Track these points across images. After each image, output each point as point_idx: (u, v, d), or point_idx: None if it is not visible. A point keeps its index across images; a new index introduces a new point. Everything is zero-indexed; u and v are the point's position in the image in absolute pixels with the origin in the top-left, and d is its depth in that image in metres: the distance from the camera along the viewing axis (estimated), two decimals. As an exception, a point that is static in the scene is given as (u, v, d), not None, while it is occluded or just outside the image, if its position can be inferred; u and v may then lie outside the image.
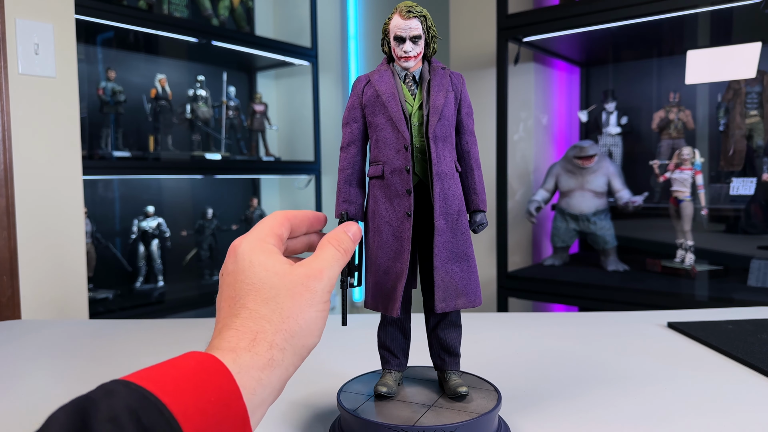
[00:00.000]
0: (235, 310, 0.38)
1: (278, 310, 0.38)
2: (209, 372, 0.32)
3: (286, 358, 0.37)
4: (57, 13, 1.25)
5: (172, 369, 0.31)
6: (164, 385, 0.30)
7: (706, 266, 1.71)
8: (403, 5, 0.44)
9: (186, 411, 0.29)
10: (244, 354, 0.35)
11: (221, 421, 0.31)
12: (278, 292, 0.38)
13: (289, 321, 0.38)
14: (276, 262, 0.39)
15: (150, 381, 0.30)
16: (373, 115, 0.45)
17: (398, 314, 0.45)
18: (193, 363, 0.32)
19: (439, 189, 0.44)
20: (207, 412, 0.30)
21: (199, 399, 0.30)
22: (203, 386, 0.31)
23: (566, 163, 1.90)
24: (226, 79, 2.18)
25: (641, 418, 0.50)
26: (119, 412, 0.27)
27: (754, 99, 1.67)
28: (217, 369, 0.33)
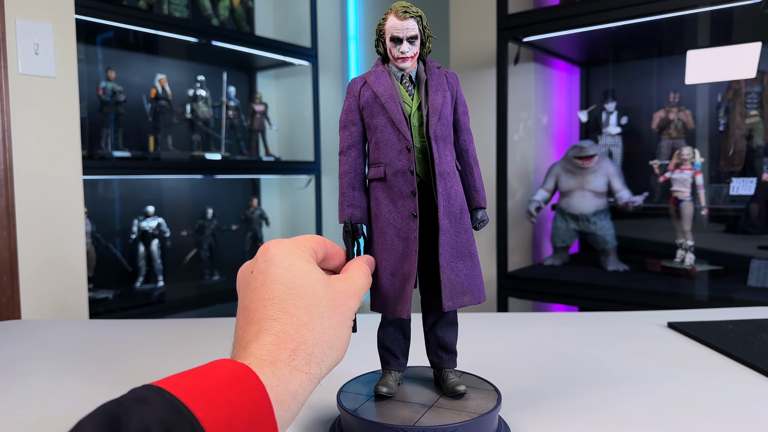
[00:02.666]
0: (274, 313, 0.37)
1: (320, 319, 0.37)
2: (244, 386, 0.31)
3: (322, 371, 0.37)
4: (57, 13, 1.25)
5: (206, 378, 0.31)
6: (197, 397, 0.29)
7: (706, 266, 1.71)
8: (398, 5, 0.44)
9: (218, 428, 0.28)
10: (283, 367, 0.34)
11: None
12: (320, 301, 0.38)
13: (329, 333, 0.37)
14: (318, 271, 0.39)
15: (183, 391, 0.29)
16: (372, 116, 0.45)
17: (408, 316, 0.45)
18: (227, 374, 0.31)
19: (442, 188, 0.44)
20: (238, 429, 0.29)
21: (232, 415, 0.29)
22: (237, 401, 0.30)
23: (566, 163, 1.90)
24: (226, 79, 2.18)
25: (641, 418, 0.50)
26: (151, 424, 0.26)
27: (754, 99, 1.67)
28: (252, 383, 0.32)
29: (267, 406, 0.32)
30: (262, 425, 0.31)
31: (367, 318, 0.88)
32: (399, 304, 0.45)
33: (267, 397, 0.32)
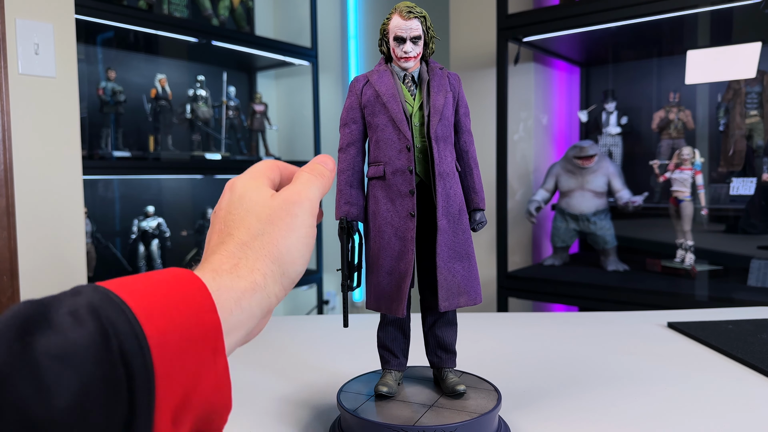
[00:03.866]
0: (223, 238, 0.38)
1: (260, 236, 0.38)
2: (183, 283, 0.32)
3: (268, 285, 0.37)
4: (57, 13, 1.25)
5: (145, 278, 0.31)
6: (132, 291, 0.29)
7: (706, 266, 1.71)
8: (403, 5, 0.44)
9: (151, 314, 0.29)
10: (225, 275, 0.35)
11: (190, 329, 0.30)
12: (260, 219, 0.39)
13: (270, 247, 0.38)
14: (266, 191, 0.40)
15: (118, 286, 0.29)
16: (374, 115, 0.45)
17: (403, 314, 0.45)
18: (168, 276, 0.32)
19: (441, 189, 0.44)
20: (174, 319, 0.29)
21: (167, 305, 0.30)
22: (174, 294, 0.30)
23: (566, 163, 1.90)
24: (226, 79, 2.18)
25: (641, 418, 0.50)
26: (79, 307, 0.27)
27: (754, 99, 1.67)
28: (193, 282, 0.32)
29: (208, 303, 0.32)
30: (202, 318, 0.31)
31: (367, 318, 0.88)
32: (394, 303, 0.45)
33: (209, 295, 0.32)
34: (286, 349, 0.72)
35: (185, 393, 0.29)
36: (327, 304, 2.53)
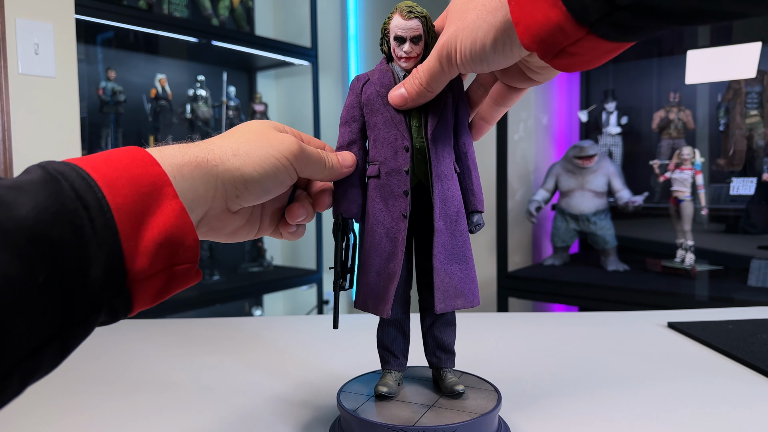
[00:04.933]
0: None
1: (227, 140, 0.38)
2: (126, 150, 0.33)
3: (218, 174, 0.37)
4: (57, 13, 1.25)
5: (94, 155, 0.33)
6: (74, 159, 0.31)
7: (706, 266, 1.71)
8: (403, 5, 0.44)
9: (96, 166, 0.30)
10: (171, 149, 0.35)
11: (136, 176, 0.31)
12: (237, 129, 0.40)
13: (233, 144, 0.38)
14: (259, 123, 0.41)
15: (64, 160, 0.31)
16: (373, 114, 0.45)
17: (388, 315, 0.45)
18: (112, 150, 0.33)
19: (438, 190, 0.44)
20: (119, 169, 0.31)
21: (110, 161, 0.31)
22: (116, 155, 0.32)
23: (566, 163, 1.90)
24: (226, 79, 2.18)
25: (641, 418, 0.50)
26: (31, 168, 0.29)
27: (754, 99, 1.67)
28: (135, 149, 0.33)
29: (149, 158, 0.33)
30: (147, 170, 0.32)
31: (367, 318, 0.88)
32: (381, 304, 0.45)
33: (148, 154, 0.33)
34: (286, 349, 0.72)
35: (144, 226, 0.30)
36: (327, 304, 2.53)
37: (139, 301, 0.31)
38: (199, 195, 0.36)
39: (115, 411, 0.54)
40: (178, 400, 0.56)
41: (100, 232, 0.28)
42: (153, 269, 0.31)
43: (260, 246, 2.33)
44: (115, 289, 0.29)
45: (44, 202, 0.27)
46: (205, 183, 0.36)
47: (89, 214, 0.28)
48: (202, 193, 0.36)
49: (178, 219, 0.32)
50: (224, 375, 0.63)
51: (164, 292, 0.33)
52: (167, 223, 0.32)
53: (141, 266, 0.30)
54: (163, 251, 0.31)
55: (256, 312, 2.42)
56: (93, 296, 0.28)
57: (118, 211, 0.29)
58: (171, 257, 0.32)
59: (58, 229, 0.27)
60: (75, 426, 0.50)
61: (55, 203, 0.27)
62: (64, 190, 0.28)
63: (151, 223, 0.31)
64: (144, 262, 0.30)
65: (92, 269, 0.28)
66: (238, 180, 0.38)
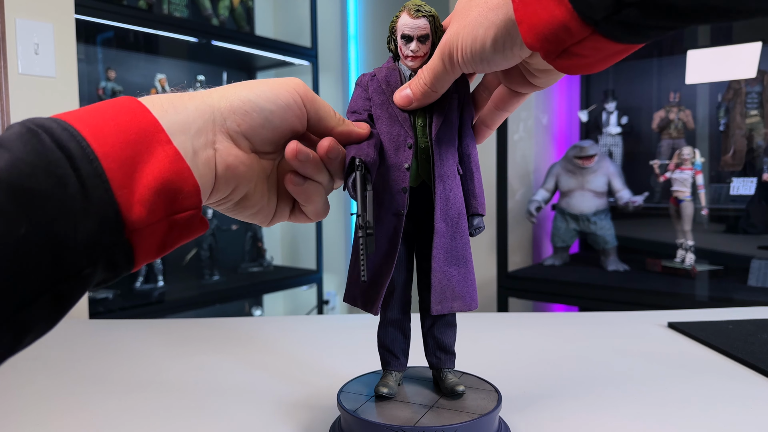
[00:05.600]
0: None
1: (228, 86, 0.37)
2: (114, 101, 0.32)
3: (214, 102, 0.35)
4: (57, 13, 1.25)
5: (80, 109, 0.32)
6: (58, 115, 0.30)
7: (706, 266, 1.71)
8: (411, 4, 0.44)
9: (80, 118, 0.29)
10: (164, 95, 0.34)
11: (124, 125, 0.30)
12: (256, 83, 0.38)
13: (232, 85, 0.37)
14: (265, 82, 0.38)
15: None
16: (376, 108, 0.45)
17: (377, 314, 0.44)
18: (101, 102, 0.32)
19: (440, 191, 0.44)
20: (105, 120, 0.29)
21: (96, 112, 0.30)
22: (103, 106, 0.31)
23: (566, 163, 1.90)
24: (226, 79, 2.18)
25: (641, 418, 0.50)
26: (12, 125, 0.28)
27: (755, 99, 1.67)
28: (124, 98, 0.32)
29: (139, 106, 0.32)
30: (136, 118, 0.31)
31: (367, 318, 0.88)
32: (370, 301, 0.44)
33: (137, 101, 0.32)
34: (286, 350, 0.72)
35: (137, 173, 0.29)
36: (327, 304, 2.53)
37: (142, 253, 0.30)
38: (197, 127, 0.34)
39: (115, 411, 0.54)
40: (178, 400, 0.56)
41: (88, 180, 0.27)
42: (152, 218, 0.30)
43: (260, 246, 2.33)
44: (111, 240, 0.28)
45: (20, 153, 0.26)
46: (201, 114, 0.34)
47: (73, 164, 0.27)
48: (200, 125, 0.34)
49: (173, 164, 0.31)
50: (224, 375, 0.63)
51: (168, 243, 0.32)
52: (162, 169, 0.30)
53: (138, 215, 0.29)
54: (160, 199, 0.30)
55: (256, 312, 2.42)
56: (86, 248, 0.27)
57: (106, 159, 0.28)
58: (170, 205, 0.31)
59: (37, 180, 0.26)
60: (75, 426, 0.50)
61: (33, 154, 0.26)
62: (44, 142, 0.27)
63: (144, 171, 0.30)
64: (141, 211, 0.29)
65: (82, 220, 0.27)
66: (235, 103, 0.36)
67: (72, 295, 0.27)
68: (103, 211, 0.28)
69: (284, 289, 2.39)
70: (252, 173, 0.38)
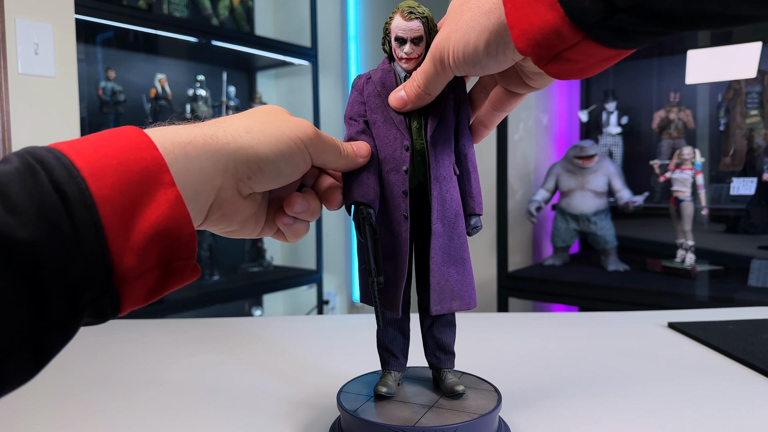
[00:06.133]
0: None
1: (239, 119, 0.36)
2: (120, 131, 0.30)
3: (230, 153, 0.34)
4: (57, 13, 1.25)
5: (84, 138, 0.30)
6: (62, 143, 0.28)
7: (706, 266, 1.71)
8: (404, 5, 0.43)
9: (82, 152, 0.28)
10: (175, 128, 0.33)
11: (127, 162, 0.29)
12: (249, 113, 0.38)
13: (245, 126, 0.35)
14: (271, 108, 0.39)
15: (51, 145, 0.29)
16: (372, 111, 0.45)
17: (399, 314, 0.45)
18: (107, 131, 0.31)
19: (436, 192, 0.43)
20: (107, 155, 0.28)
21: (99, 145, 0.29)
22: (108, 138, 0.29)
23: (567, 163, 1.90)
24: (226, 79, 2.18)
25: (641, 418, 0.50)
26: (7, 156, 0.27)
27: (755, 99, 1.67)
28: (131, 129, 0.31)
29: (145, 140, 0.30)
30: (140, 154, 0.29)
31: (367, 318, 0.88)
32: (389, 302, 0.45)
33: (144, 135, 0.31)
34: (286, 350, 0.72)
35: (134, 220, 0.28)
36: (327, 304, 2.53)
37: (129, 301, 0.29)
38: (207, 175, 0.33)
39: (115, 411, 0.54)
40: (178, 401, 0.56)
41: (81, 228, 0.26)
42: (143, 267, 0.29)
43: (260, 246, 2.33)
44: (99, 289, 0.27)
45: (13, 198, 0.25)
46: (214, 162, 0.33)
47: (68, 209, 0.26)
48: (211, 174, 0.33)
49: (172, 210, 0.30)
50: (224, 375, 0.63)
51: (157, 291, 0.30)
52: (161, 215, 0.29)
53: (129, 264, 0.28)
54: (155, 246, 0.29)
55: (256, 312, 2.42)
56: (72, 298, 0.26)
57: (103, 205, 0.27)
58: (164, 253, 0.30)
59: (27, 229, 0.24)
60: (75, 426, 0.50)
61: (27, 198, 0.25)
62: (41, 183, 0.26)
63: (142, 216, 0.28)
64: (133, 260, 0.28)
65: (70, 269, 0.26)
66: (251, 159, 0.35)
67: (53, 347, 0.26)
68: (93, 260, 0.26)
69: (284, 289, 2.39)
70: (246, 211, 0.39)
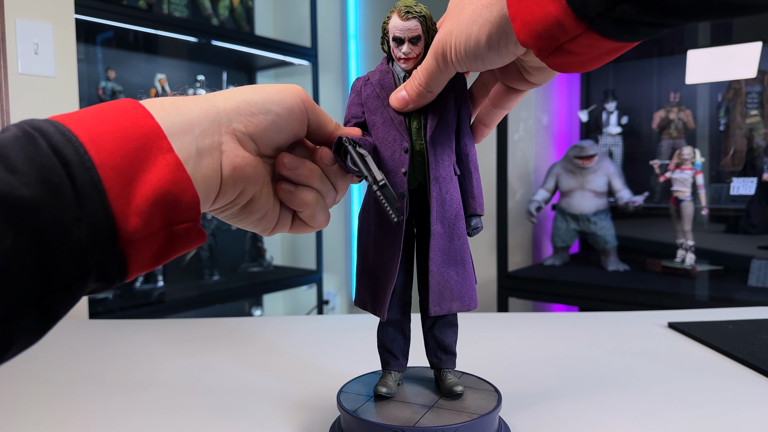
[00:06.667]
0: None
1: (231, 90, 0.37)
2: (115, 103, 0.31)
3: (219, 104, 0.35)
4: (57, 13, 1.25)
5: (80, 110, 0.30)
6: (59, 116, 0.29)
7: (706, 266, 1.71)
8: (401, 5, 0.43)
9: (79, 121, 0.28)
10: (167, 98, 0.33)
11: (124, 130, 0.29)
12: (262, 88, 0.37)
13: (236, 88, 0.36)
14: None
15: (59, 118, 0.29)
16: (371, 113, 0.44)
17: (384, 318, 0.45)
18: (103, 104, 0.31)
19: (436, 193, 0.43)
20: (104, 123, 0.29)
21: (96, 115, 0.29)
22: (104, 108, 0.30)
23: (567, 163, 1.90)
24: (226, 79, 2.18)
25: (641, 418, 0.50)
26: (8, 126, 0.27)
27: (755, 99, 1.67)
28: (125, 100, 0.31)
29: (140, 110, 0.30)
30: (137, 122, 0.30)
31: (367, 318, 0.88)
32: (378, 305, 0.45)
33: (139, 105, 0.31)
34: (286, 350, 0.72)
35: (135, 183, 0.28)
36: (327, 304, 2.53)
37: (135, 264, 0.29)
38: (203, 129, 0.33)
39: (115, 411, 0.54)
40: (178, 400, 0.56)
41: (83, 189, 0.26)
42: (148, 229, 0.29)
43: (260, 246, 2.33)
44: (104, 251, 0.27)
45: (13, 160, 0.25)
46: (205, 115, 0.34)
47: (68, 171, 0.26)
48: (206, 127, 0.34)
49: (173, 174, 0.30)
50: (224, 375, 0.63)
51: (164, 254, 0.31)
52: (161, 178, 0.29)
53: (134, 226, 0.28)
54: (158, 209, 0.29)
55: (256, 312, 2.42)
56: (77, 259, 0.26)
57: (103, 167, 0.27)
58: (168, 216, 0.30)
59: (29, 189, 0.25)
60: (75, 426, 0.50)
61: (26, 161, 0.25)
62: (40, 147, 0.26)
63: (143, 180, 0.29)
64: (137, 222, 0.28)
65: (75, 231, 0.26)
66: (241, 105, 0.36)
67: (60, 308, 0.26)
68: (96, 222, 0.27)
69: (284, 289, 2.39)
70: (259, 175, 0.38)
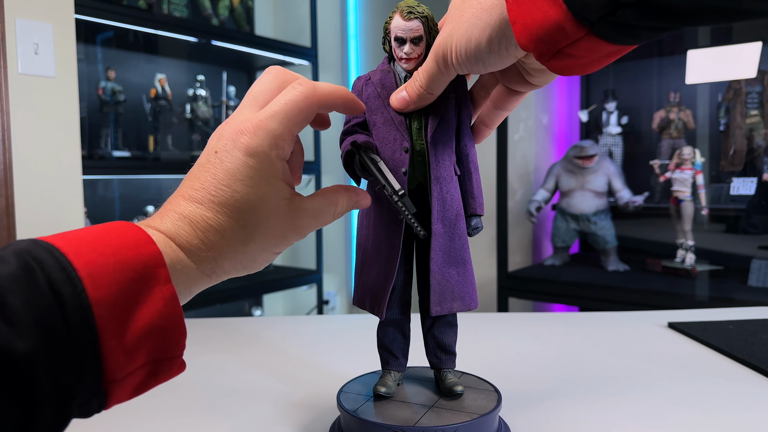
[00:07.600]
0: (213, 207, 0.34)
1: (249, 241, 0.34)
2: (116, 226, 0.30)
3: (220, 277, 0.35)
4: (57, 13, 1.25)
5: (81, 229, 0.30)
6: (63, 236, 0.28)
7: (706, 266, 1.71)
8: (403, 5, 0.43)
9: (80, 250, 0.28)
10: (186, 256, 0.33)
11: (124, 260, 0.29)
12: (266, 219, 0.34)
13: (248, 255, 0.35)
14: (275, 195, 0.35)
15: (51, 237, 0.28)
16: (372, 113, 0.44)
17: (383, 317, 0.45)
18: (104, 225, 0.30)
19: (437, 193, 0.43)
20: (105, 252, 0.28)
21: (97, 242, 0.28)
22: (106, 234, 0.29)
23: (567, 163, 1.90)
24: (225, 79, 2.18)
25: (641, 418, 0.50)
26: (5, 252, 0.27)
27: (755, 99, 1.67)
28: (129, 227, 0.30)
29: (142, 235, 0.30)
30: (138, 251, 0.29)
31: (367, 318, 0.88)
32: (376, 305, 0.45)
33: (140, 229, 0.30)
34: (286, 350, 0.72)
35: (129, 319, 0.28)
36: (327, 304, 2.53)
37: (115, 400, 0.29)
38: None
39: (115, 411, 0.53)
40: (178, 400, 0.56)
41: (77, 332, 0.26)
42: (133, 366, 0.28)
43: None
44: (88, 392, 0.27)
45: (10, 307, 0.25)
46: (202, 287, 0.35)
47: (64, 312, 0.26)
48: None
49: (167, 308, 0.30)
50: (224, 375, 0.63)
51: (143, 387, 0.30)
52: (155, 313, 0.29)
53: (120, 365, 0.28)
54: (146, 345, 0.29)
55: (256, 312, 2.42)
56: (62, 405, 0.26)
57: (99, 306, 0.27)
58: (154, 351, 0.29)
59: (24, 341, 0.24)
60: (75, 426, 0.50)
61: (23, 306, 0.25)
62: (38, 285, 0.25)
63: (136, 315, 0.28)
64: (124, 360, 0.28)
65: (63, 376, 0.25)
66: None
67: None
68: (85, 365, 0.26)
69: (284, 289, 2.39)
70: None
